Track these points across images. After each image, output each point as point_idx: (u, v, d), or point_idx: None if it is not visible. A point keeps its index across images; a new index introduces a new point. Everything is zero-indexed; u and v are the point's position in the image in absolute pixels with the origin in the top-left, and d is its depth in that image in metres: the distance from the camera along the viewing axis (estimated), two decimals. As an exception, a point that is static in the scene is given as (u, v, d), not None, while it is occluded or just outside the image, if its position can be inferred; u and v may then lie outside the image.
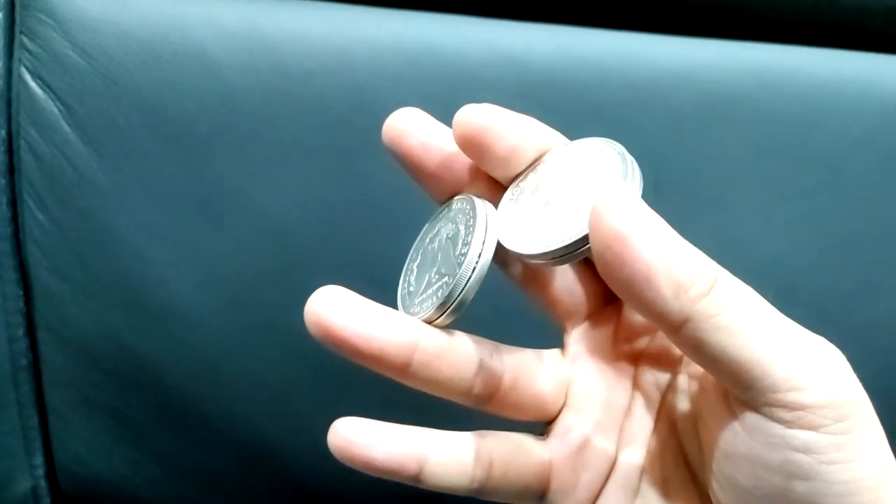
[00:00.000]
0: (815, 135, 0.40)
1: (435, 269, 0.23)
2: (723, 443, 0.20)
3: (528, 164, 0.23)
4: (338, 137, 0.39)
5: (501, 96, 0.39)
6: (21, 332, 0.43)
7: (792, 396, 0.18)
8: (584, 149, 0.23)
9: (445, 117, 0.24)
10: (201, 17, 0.39)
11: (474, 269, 0.22)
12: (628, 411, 0.24)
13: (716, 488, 0.21)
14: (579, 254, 0.21)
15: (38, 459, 0.46)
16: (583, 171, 0.22)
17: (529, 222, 0.22)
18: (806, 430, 0.18)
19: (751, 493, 0.20)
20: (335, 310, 0.21)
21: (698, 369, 0.23)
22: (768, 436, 0.19)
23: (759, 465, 0.19)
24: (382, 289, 0.40)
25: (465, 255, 0.22)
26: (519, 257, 0.22)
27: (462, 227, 0.23)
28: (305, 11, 0.39)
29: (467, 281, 0.22)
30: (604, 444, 0.24)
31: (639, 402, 0.24)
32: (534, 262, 0.22)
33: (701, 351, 0.19)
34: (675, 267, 0.18)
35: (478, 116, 0.22)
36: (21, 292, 0.43)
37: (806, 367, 0.19)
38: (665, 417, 0.24)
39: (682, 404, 0.24)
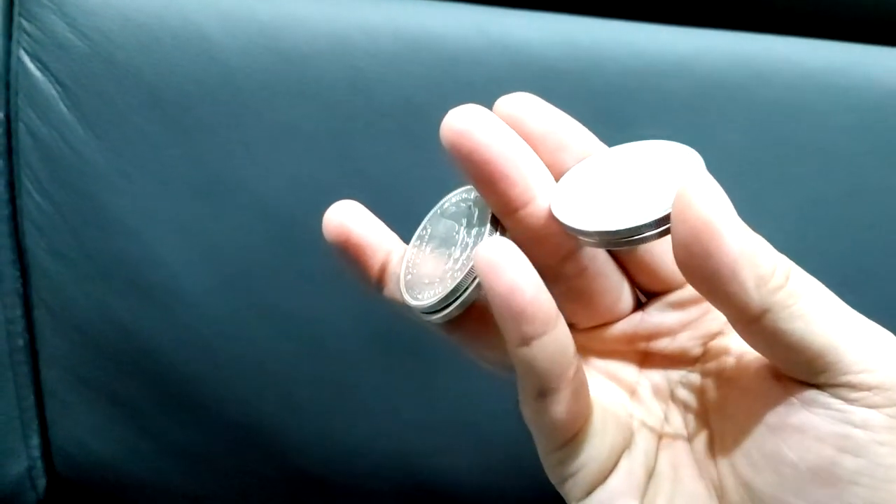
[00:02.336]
0: (807, 124, 0.40)
1: (448, 256, 0.23)
2: (771, 417, 0.20)
3: (565, 150, 0.23)
4: (335, 121, 0.39)
5: (496, 82, 0.39)
6: (18, 312, 0.43)
7: (862, 378, 0.19)
8: (660, 147, 0.23)
9: (441, 102, 0.24)
10: (200, 0, 0.39)
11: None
12: (635, 399, 0.25)
13: (746, 471, 0.21)
14: (643, 239, 0.20)
15: (35, 440, 0.46)
16: (659, 163, 0.22)
17: (590, 201, 0.22)
18: (868, 408, 0.19)
19: (796, 465, 0.20)
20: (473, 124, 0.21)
21: (715, 365, 0.24)
22: (828, 409, 0.19)
23: (812, 435, 0.20)
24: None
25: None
26: (574, 232, 0.21)
27: (476, 216, 0.23)
28: (303, -4, 0.40)
29: (474, 278, 0.21)
30: (623, 417, 0.24)
31: (646, 394, 0.25)
32: (588, 239, 0.21)
33: (777, 340, 0.19)
34: (758, 260, 0.19)
35: (516, 102, 0.23)
36: (18, 273, 0.43)
37: (875, 350, 0.19)
38: (677, 408, 0.24)
39: (693, 400, 0.24)
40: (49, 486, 0.48)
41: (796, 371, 0.20)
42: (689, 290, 0.24)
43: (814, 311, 0.19)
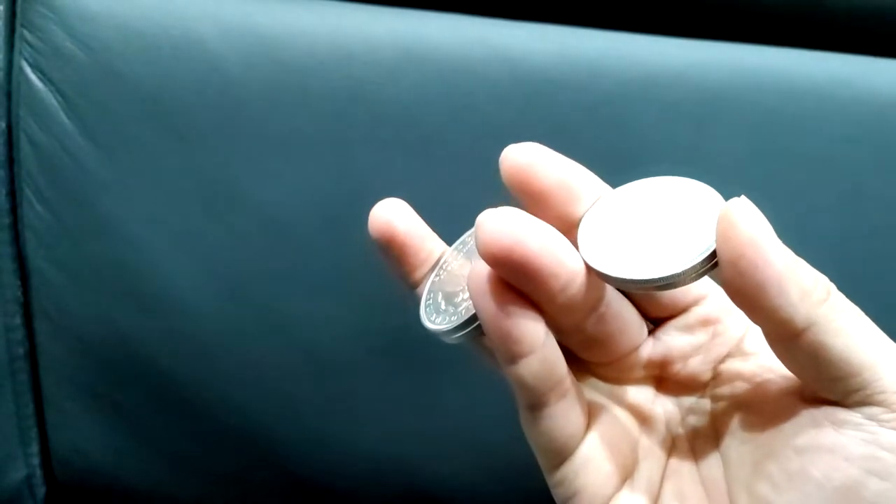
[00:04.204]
0: (806, 135, 0.40)
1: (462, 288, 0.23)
2: (798, 438, 0.21)
3: (577, 201, 0.23)
4: (335, 130, 0.39)
5: (496, 93, 0.40)
6: (18, 320, 0.43)
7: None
8: (672, 184, 0.23)
9: (440, 115, 0.24)
10: (201, 10, 0.39)
11: None
12: (644, 427, 0.25)
13: (766, 493, 0.21)
14: (690, 279, 0.20)
15: (34, 448, 0.46)
16: (678, 200, 0.22)
17: (623, 247, 0.21)
18: None
19: (822, 485, 0.20)
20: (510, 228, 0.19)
21: (728, 389, 0.24)
22: (859, 430, 0.20)
23: (841, 455, 0.20)
24: (379, 282, 0.40)
25: None
26: (618, 283, 0.21)
27: None
28: (304, 7, 0.40)
29: None
30: (627, 445, 0.24)
31: (658, 420, 0.25)
32: (636, 287, 0.21)
33: (819, 355, 0.19)
34: (801, 274, 0.19)
35: (521, 153, 0.23)
36: (18, 281, 0.43)
37: None
38: (685, 436, 0.25)
39: (704, 425, 0.24)
40: (48, 494, 0.48)
41: (831, 389, 0.20)
42: (693, 314, 0.24)
43: (854, 327, 0.19)
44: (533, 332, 0.20)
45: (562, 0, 0.41)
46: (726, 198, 0.20)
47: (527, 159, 0.22)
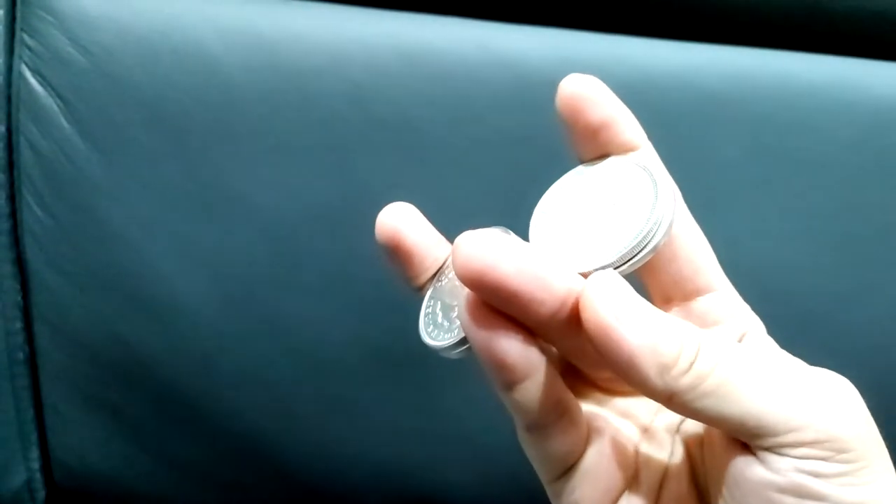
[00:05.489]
0: (807, 138, 0.40)
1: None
2: (734, 471, 0.21)
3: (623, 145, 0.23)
4: (334, 135, 0.39)
5: (494, 97, 0.40)
6: (18, 325, 0.43)
7: (793, 437, 0.19)
8: (612, 169, 0.23)
9: (439, 119, 0.24)
10: (200, 15, 0.39)
11: None
12: (643, 435, 0.25)
13: None
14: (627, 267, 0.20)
15: (34, 452, 0.46)
16: (613, 193, 0.22)
17: (569, 238, 0.22)
18: (813, 459, 0.19)
19: None
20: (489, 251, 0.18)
21: None
22: (779, 466, 0.19)
23: (773, 488, 0.20)
24: (378, 286, 0.40)
25: None
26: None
27: None
28: (303, 11, 0.40)
29: None
30: (626, 457, 0.24)
31: (659, 430, 0.25)
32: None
33: (695, 416, 0.20)
34: (659, 349, 0.19)
35: (581, 84, 0.23)
36: (19, 286, 0.43)
37: (801, 408, 0.19)
38: (681, 442, 0.25)
39: (696, 435, 0.24)
40: (48, 498, 0.48)
41: (730, 434, 0.20)
42: (694, 313, 0.24)
43: (726, 384, 0.19)
44: (527, 358, 0.19)
45: (560, 3, 0.41)
46: (726, 200, 0.20)
47: (586, 91, 0.23)
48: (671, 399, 0.19)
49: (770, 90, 0.40)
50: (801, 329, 0.21)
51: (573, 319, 0.19)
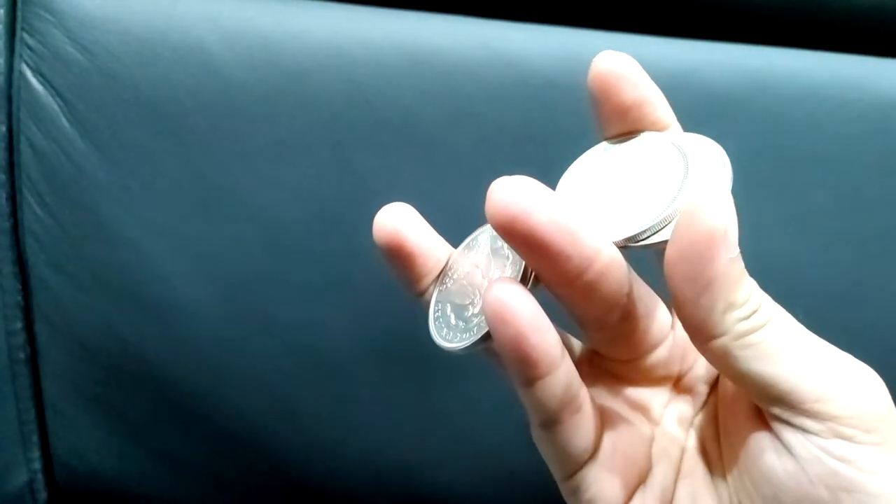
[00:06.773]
0: (810, 136, 0.40)
1: (471, 301, 0.23)
2: (763, 467, 0.21)
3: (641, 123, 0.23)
4: (335, 134, 0.39)
5: (496, 96, 0.39)
6: (19, 325, 0.43)
7: (819, 406, 0.19)
8: (644, 145, 0.23)
9: (440, 117, 0.24)
10: (200, 14, 0.39)
11: None
12: (658, 430, 0.25)
13: (749, 497, 0.21)
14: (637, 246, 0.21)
15: (35, 453, 0.46)
16: (644, 168, 0.22)
17: (599, 208, 0.22)
18: (839, 439, 0.19)
19: (779, 499, 0.20)
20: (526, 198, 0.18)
21: (722, 389, 0.24)
22: (808, 449, 0.19)
23: (804, 480, 0.20)
24: (378, 286, 0.40)
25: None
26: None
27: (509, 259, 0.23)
28: (303, 10, 0.40)
29: None
30: (640, 452, 0.24)
31: (671, 422, 0.25)
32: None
33: (729, 367, 0.20)
34: (735, 286, 0.19)
35: (615, 61, 0.22)
36: (19, 286, 0.43)
37: (832, 381, 0.19)
38: (696, 435, 0.25)
39: (709, 426, 0.24)
40: (50, 499, 0.48)
41: (755, 398, 0.20)
42: None
43: (769, 343, 0.19)
44: (552, 351, 0.19)
45: (562, 1, 0.41)
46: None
47: (620, 69, 0.22)
48: (716, 341, 0.19)
49: (774, 88, 0.40)
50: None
51: (596, 283, 0.19)
